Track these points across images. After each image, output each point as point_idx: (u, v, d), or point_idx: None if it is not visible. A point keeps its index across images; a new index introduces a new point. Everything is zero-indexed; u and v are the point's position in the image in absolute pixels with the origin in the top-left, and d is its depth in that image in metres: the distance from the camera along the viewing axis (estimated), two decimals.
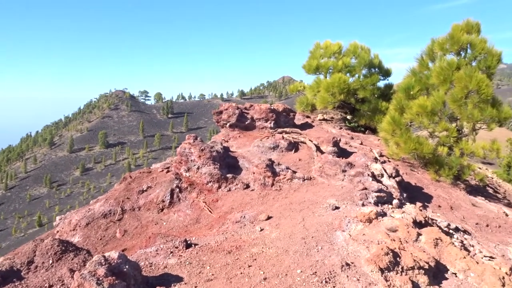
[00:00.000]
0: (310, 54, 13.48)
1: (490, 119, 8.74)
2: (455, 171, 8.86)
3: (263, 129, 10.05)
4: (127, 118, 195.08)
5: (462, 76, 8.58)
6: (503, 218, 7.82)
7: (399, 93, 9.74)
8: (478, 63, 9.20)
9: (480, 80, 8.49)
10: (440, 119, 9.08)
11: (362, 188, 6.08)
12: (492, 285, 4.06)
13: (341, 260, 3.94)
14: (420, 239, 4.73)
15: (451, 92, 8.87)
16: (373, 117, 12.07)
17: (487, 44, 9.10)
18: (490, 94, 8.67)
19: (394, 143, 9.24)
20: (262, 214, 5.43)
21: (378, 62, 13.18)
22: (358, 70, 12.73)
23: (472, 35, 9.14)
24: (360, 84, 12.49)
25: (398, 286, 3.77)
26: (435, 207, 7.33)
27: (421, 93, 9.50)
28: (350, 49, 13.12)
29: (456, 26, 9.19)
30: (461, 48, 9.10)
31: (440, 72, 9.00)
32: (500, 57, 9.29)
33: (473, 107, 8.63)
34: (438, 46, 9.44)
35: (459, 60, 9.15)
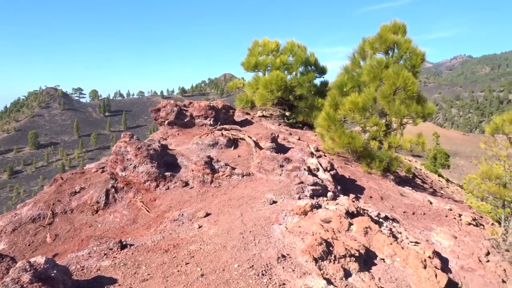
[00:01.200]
0: (249, 52, 13.61)
1: (415, 114, 9.37)
2: (385, 164, 9.40)
3: (203, 126, 9.99)
4: (60, 117, 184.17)
5: (390, 74, 9.11)
6: (427, 206, 8.44)
7: (333, 90, 10.15)
8: (405, 61, 9.82)
9: (407, 77, 9.07)
10: (371, 115, 9.58)
11: (298, 182, 6.27)
12: (415, 267, 4.38)
13: (278, 253, 4.04)
14: (352, 229, 4.99)
15: (380, 89, 9.38)
16: (310, 113, 12.44)
17: (411, 44, 9.73)
18: (416, 91, 9.29)
19: (329, 138, 9.61)
20: (200, 211, 5.41)
21: (314, 60, 13.61)
22: (295, 68, 13.06)
23: (399, 35, 9.74)
24: (297, 81, 12.82)
25: (331, 274, 3.95)
26: (367, 198, 7.74)
27: (354, 90, 9.95)
28: (288, 47, 13.43)
29: (384, 27, 9.74)
30: (389, 48, 9.66)
31: (370, 70, 9.49)
32: (424, 57, 9.98)
33: (400, 103, 9.20)
34: (368, 45, 9.94)
35: (388, 59, 9.71)
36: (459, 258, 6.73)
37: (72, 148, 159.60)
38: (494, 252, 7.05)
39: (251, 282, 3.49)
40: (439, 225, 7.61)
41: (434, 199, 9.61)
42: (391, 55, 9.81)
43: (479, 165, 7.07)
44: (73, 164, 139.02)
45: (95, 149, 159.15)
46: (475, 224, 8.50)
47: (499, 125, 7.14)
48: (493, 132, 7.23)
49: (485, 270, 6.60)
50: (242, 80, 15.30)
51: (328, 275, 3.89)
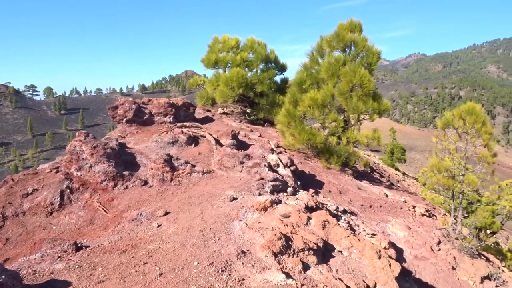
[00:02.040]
0: (209, 49, 13.52)
1: (372, 110, 9.69)
2: (343, 159, 9.66)
3: (162, 124, 9.84)
4: (11, 115, 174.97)
5: (347, 71, 9.35)
6: (383, 199, 8.75)
7: (293, 87, 10.29)
8: (361, 59, 10.10)
9: (363, 75, 9.34)
10: (330, 111, 9.80)
11: (259, 178, 6.32)
12: (370, 258, 4.53)
13: (237, 249, 4.06)
14: (311, 223, 5.09)
15: (338, 86, 9.61)
16: (271, 110, 12.55)
17: (368, 42, 10.03)
18: (372, 88, 9.59)
19: (290, 134, 9.74)
20: (160, 210, 5.34)
21: (274, 57, 13.72)
22: (255, 65, 13.11)
23: (355, 33, 10.00)
24: (258, 78, 12.88)
25: (290, 268, 4.01)
26: (326, 192, 7.92)
27: (313, 87, 10.14)
28: (248, 44, 13.45)
29: (341, 25, 9.97)
30: (346, 46, 9.91)
31: (328, 67, 9.69)
32: (380, 55, 10.32)
33: (357, 100, 9.47)
34: (326, 43, 10.15)
35: (345, 57, 9.96)
36: (413, 247, 7.03)
37: (26, 148, 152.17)
38: (445, 241, 7.43)
39: (210, 279, 3.49)
40: (395, 217, 7.91)
41: (390, 192, 9.97)
42: (348, 53, 10.06)
43: (430, 158, 7.41)
44: (27, 165, 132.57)
45: (50, 149, 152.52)
46: (428, 215, 8.90)
47: (449, 119, 7.50)
48: (444, 126, 7.58)
49: (437, 258, 6.94)
50: (203, 77, 15.18)
51: (287, 269, 3.95)
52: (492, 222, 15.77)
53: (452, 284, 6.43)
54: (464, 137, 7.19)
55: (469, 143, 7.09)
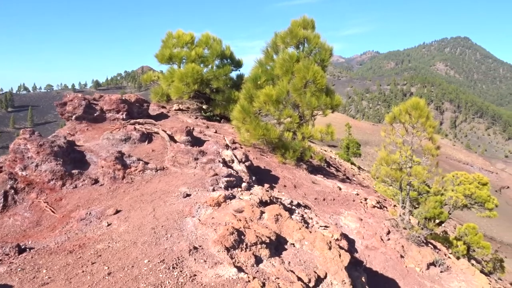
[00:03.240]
0: (163, 44, 13.26)
1: (325, 106, 9.91)
2: (299, 154, 9.83)
3: (115, 121, 9.56)
4: None
5: (301, 68, 9.50)
6: (337, 192, 9.00)
7: (248, 83, 10.33)
8: (314, 56, 10.29)
9: (316, 71, 9.53)
10: (285, 107, 9.93)
11: (213, 174, 6.30)
12: (321, 249, 4.65)
13: (189, 245, 4.03)
14: (264, 217, 5.14)
15: (292, 82, 9.75)
16: (228, 106, 12.53)
17: (320, 39, 10.24)
18: (324, 84, 9.81)
19: (245, 130, 9.78)
20: (110, 209, 5.21)
21: (230, 53, 13.69)
22: (211, 61, 13.02)
23: (308, 30, 10.17)
24: (213, 74, 12.80)
25: (243, 262, 4.04)
26: (281, 187, 8.03)
27: (268, 83, 10.22)
28: (203, 40, 13.32)
29: (294, 22, 10.11)
30: (299, 42, 10.06)
31: (282, 64, 9.81)
32: (332, 52, 10.55)
33: (311, 96, 9.65)
34: (280, 39, 10.25)
35: (299, 53, 10.11)
36: (364, 238, 7.29)
37: None
38: (394, 231, 7.76)
39: (161, 276, 3.45)
40: (347, 209, 8.16)
41: (344, 186, 10.27)
42: (301, 50, 10.22)
43: (379, 151, 7.70)
44: None
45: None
46: (379, 207, 9.26)
47: (396, 114, 7.82)
48: (391, 121, 7.90)
49: (386, 247, 7.25)
50: (157, 73, 14.87)
51: (240, 263, 3.98)
52: (440, 212, 16.63)
53: (400, 271, 6.73)
54: (410, 131, 7.54)
55: (415, 137, 7.44)
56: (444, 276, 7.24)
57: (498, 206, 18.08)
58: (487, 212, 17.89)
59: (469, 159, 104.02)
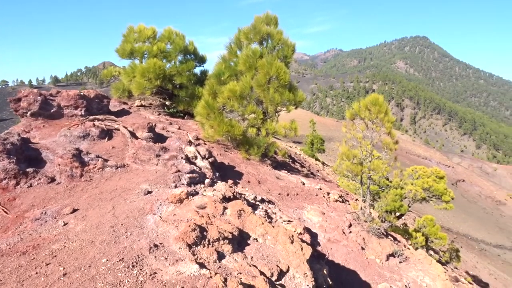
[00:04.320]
0: (124, 38, 12.89)
1: (288, 102, 9.98)
2: (263, 150, 9.86)
3: (73, 117, 9.23)
4: None
5: (264, 64, 9.52)
6: (300, 187, 9.10)
7: (212, 78, 10.25)
8: (277, 52, 10.34)
9: (279, 67, 9.58)
10: (249, 103, 9.92)
11: (175, 171, 6.21)
12: (283, 243, 4.69)
13: (150, 243, 3.96)
14: (227, 212, 5.12)
15: (256, 78, 9.75)
16: (191, 102, 12.37)
17: (283, 35, 10.30)
18: (288, 80, 9.88)
19: (209, 126, 9.70)
20: (67, 208, 5.02)
21: (193, 49, 13.51)
22: (174, 56, 12.79)
23: (271, 27, 10.20)
24: (176, 70, 12.59)
25: (205, 258, 4.01)
26: (245, 182, 8.03)
27: (231, 78, 10.18)
28: (165, 35, 13.06)
29: (258, 18, 10.11)
30: (263, 38, 10.07)
31: (246, 60, 9.80)
32: (294, 48, 10.64)
33: (274, 92, 9.70)
34: (243, 35, 10.23)
35: (262, 49, 10.12)
36: (327, 231, 7.43)
37: None
38: (355, 224, 7.94)
39: (120, 275, 3.36)
40: (310, 203, 8.27)
41: (307, 181, 10.40)
42: (265, 46, 10.24)
43: (340, 147, 7.85)
44: None
45: None
46: (341, 201, 9.45)
47: (357, 110, 7.99)
48: (352, 117, 8.07)
49: (348, 240, 7.41)
50: (118, 68, 14.45)
51: (202, 260, 3.94)
52: (400, 205, 17.21)
53: (361, 263, 6.90)
54: (370, 126, 7.73)
55: (374, 132, 7.64)
56: (402, 266, 7.49)
57: (454, 198, 18.93)
58: (444, 205, 18.69)
59: (428, 154, 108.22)
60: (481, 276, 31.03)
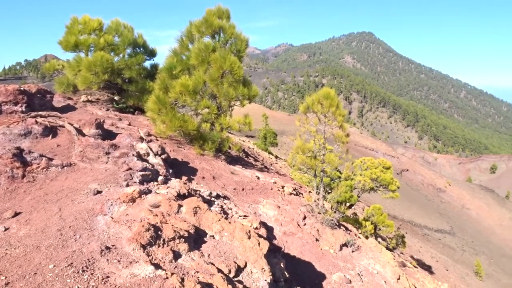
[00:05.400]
0: (67, 30, 12.16)
1: (242, 96, 9.93)
2: (217, 145, 9.75)
3: (12, 114, 8.62)
4: None
5: (217, 58, 9.39)
6: (255, 182, 9.11)
7: (163, 73, 9.95)
8: (230, 46, 10.23)
9: (233, 62, 9.48)
10: (202, 98, 9.75)
11: (126, 169, 5.98)
12: (240, 239, 4.66)
13: (101, 245, 3.78)
14: (182, 210, 5.01)
15: (209, 72, 9.60)
16: (142, 97, 11.96)
17: (236, 29, 10.19)
18: (241, 74, 9.81)
19: (161, 122, 9.44)
20: (8, 211, 4.67)
21: (142, 42, 13.06)
22: (122, 49, 12.28)
23: (223, 20, 10.06)
24: (125, 63, 12.11)
25: (160, 259, 3.89)
26: (199, 179, 7.91)
27: (183, 73, 9.94)
28: (112, 27, 12.50)
29: (209, 11, 9.92)
30: (215, 32, 9.91)
31: (198, 54, 9.60)
32: (248, 42, 10.58)
33: (228, 86, 9.60)
34: (195, 28, 10.00)
35: (215, 43, 9.97)
36: (282, 225, 7.49)
37: None
38: (309, 216, 8.08)
39: (69, 281, 3.18)
40: (265, 197, 8.31)
41: (262, 175, 10.44)
42: (217, 40, 10.10)
43: (295, 140, 7.93)
44: None
45: None
46: (296, 194, 9.58)
47: (309, 104, 8.10)
48: (305, 110, 8.17)
49: (303, 232, 7.52)
50: (62, 61, 13.66)
51: (157, 260, 3.82)
52: (350, 196, 17.79)
53: (315, 254, 7.04)
54: (322, 120, 7.87)
55: (327, 125, 7.79)
56: (355, 255, 7.73)
57: (399, 187, 19.87)
58: (391, 194, 19.58)
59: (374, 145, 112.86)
60: (424, 260, 32.95)
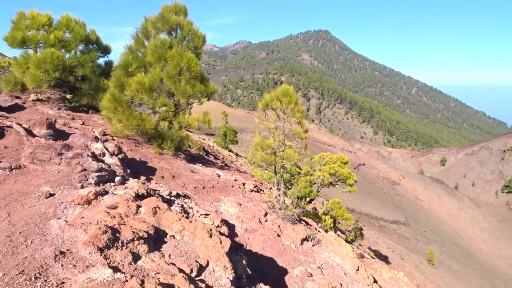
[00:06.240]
0: (13, 25, 11.47)
1: (200, 94, 9.82)
2: (176, 143, 9.60)
3: None
4: None
5: (174, 55, 9.22)
6: (216, 180, 9.06)
7: (118, 70, 9.65)
8: (188, 43, 10.08)
9: (190, 58, 9.35)
10: (159, 95, 9.55)
11: (81, 170, 5.75)
12: (202, 238, 4.61)
13: (55, 250, 3.61)
14: (141, 211, 4.89)
15: (166, 69, 9.41)
16: (96, 95, 11.54)
17: (193, 26, 10.05)
18: (199, 71, 9.70)
19: (117, 120, 9.15)
20: None
21: (95, 38, 12.57)
22: (74, 46, 11.76)
23: (180, 16, 9.89)
24: (77, 60, 11.61)
25: (119, 261, 3.77)
26: (159, 178, 7.75)
27: (140, 70, 9.68)
28: (63, 22, 11.94)
29: (165, 7, 9.72)
30: (172, 28, 9.72)
31: (155, 50, 9.39)
32: (205, 39, 10.46)
33: (185, 83, 9.46)
34: (151, 25, 9.77)
35: (171, 39, 9.78)
36: (244, 222, 7.50)
37: None
38: (270, 212, 8.14)
39: None
40: (227, 195, 8.28)
41: (222, 173, 10.40)
42: (174, 36, 9.91)
43: (254, 138, 7.96)
44: None
45: None
46: (257, 191, 9.62)
47: (268, 101, 8.14)
48: (264, 107, 8.20)
49: (264, 228, 7.57)
50: (8, 58, 12.91)
51: (115, 263, 3.71)
52: (310, 191, 18.10)
53: (277, 249, 7.10)
54: (281, 116, 7.94)
55: (286, 122, 7.86)
56: (315, 249, 7.88)
57: (357, 181, 20.48)
58: (349, 188, 20.14)
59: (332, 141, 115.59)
60: (381, 251, 34.21)
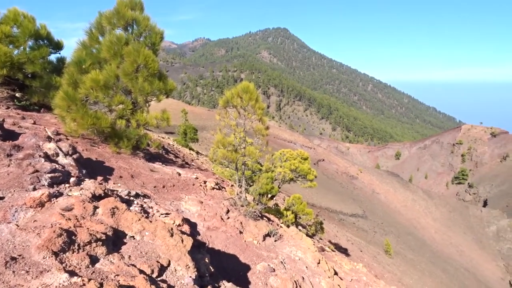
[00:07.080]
0: None
1: (158, 91, 9.62)
2: (134, 142, 9.36)
3: None
4: None
5: (131, 51, 8.97)
6: (176, 178, 8.93)
7: (71, 67, 9.26)
8: (145, 39, 9.84)
9: (147, 55, 9.14)
10: (115, 93, 9.27)
11: (33, 171, 5.48)
12: (163, 237, 4.53)
13: (6, 256, 3.42)
14: (98, 212, 4.73)
15: (122, 66, 9.14)
16: (48, 93, 11.02)
17: (150, 22, 9.82)
18: (157, 68, 9.50)
19: (71, 119, 8.79)
20: None
21: (46, 34, 11.99)
22: (22, 41, 11.15)
23: (137, 12, 9.63)
24: (27, 57, 11.03)
25: (75, 265, 3.64)
26: (116, 178, 7.53)
27: (94, 67, 9.34)
28: (10, 16, 11.28)
29: (121, 2, 9.42)
30: (128, 24, 9.45)
31: (110, 47, 9.09)
32: (163, 35, 10.25)
33: (143, 81, 9.24)
34: (106, 20, 9.44)
35: (128, 35, 9.51)
36: (206, 220, 7.45)
37: None
38: (232, 209, 8.13)
39: None
40: (188, 193, 8.19)
41: (183, 171, 10.27)
42: (130, 32, 9.65)
43: (215, 135, 7.91)
44: None
45: None
46: (218, 188, 9.58)
47: (229, 98, 8.11)
48: (225, 104, 8.17)
49: (227, 226, 7.55)
50: None
51: (72, 267, 3.57)
52: (272, 187, 18.23)
53: (240, 246, 7.11)
54: (242, 113, 7.94)
55: (247, 119, 7.87)
56: (278, 244, 7.96)
57: (317, 176, 20.87)
58: (309, 183, 20.48)
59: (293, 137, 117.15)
60: (341, 243, 35.11)
